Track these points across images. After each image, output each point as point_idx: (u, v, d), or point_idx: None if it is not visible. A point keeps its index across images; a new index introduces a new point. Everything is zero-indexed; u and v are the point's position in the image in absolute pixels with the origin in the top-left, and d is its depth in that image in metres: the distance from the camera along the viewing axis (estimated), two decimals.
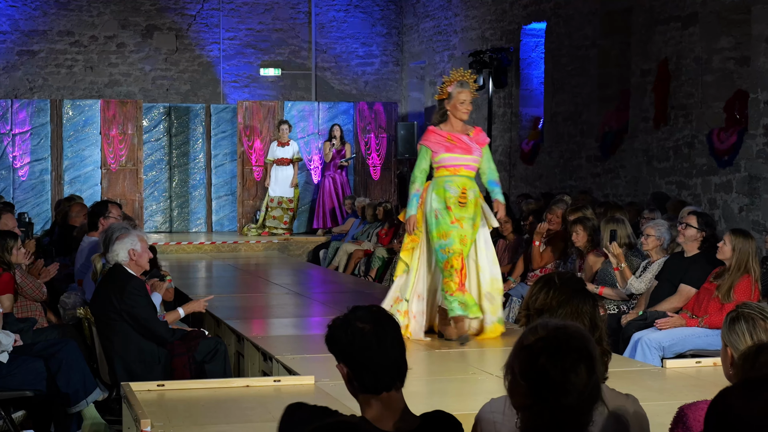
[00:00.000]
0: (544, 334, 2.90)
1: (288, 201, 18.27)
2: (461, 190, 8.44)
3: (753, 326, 3.90)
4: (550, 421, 2.80)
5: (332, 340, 3.58)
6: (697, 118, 13.03)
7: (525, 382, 2.86)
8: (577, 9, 15.81)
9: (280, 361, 7.28)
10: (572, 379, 2.78)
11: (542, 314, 4.00)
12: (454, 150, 8.52)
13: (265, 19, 22.02)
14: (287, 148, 18.27)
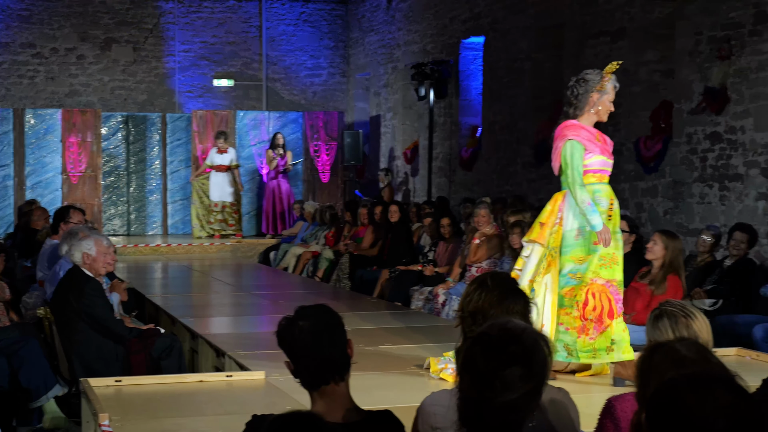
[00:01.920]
0: (492, 331, 2.89)
1: (230, 205, 18.22)
2: (610, 202, 6.84)
3: (675, 323, 3.93)
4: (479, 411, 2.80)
5: (278, 338, 3.61)
6: (625, 126, 13.13)
7: (462, 370, 2.86)
8: (513, 24, 15.89)
9: (233, 357, 7.25)
10: (504, 376, 2.77)
11: (476, 315, 4.01)
12: (604, 152, 6.91)
13: (218, 32, 21.95)
14: (225, 155, 18.20)
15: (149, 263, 15.42)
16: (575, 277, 6.66)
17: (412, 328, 8.82)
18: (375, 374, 6.62)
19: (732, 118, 11.29)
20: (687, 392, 2.33)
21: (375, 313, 9.81)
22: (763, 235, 10.64)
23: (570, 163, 6.72)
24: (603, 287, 6.69)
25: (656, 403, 2.38)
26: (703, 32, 11.71)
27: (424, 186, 18.43)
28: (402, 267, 12.40)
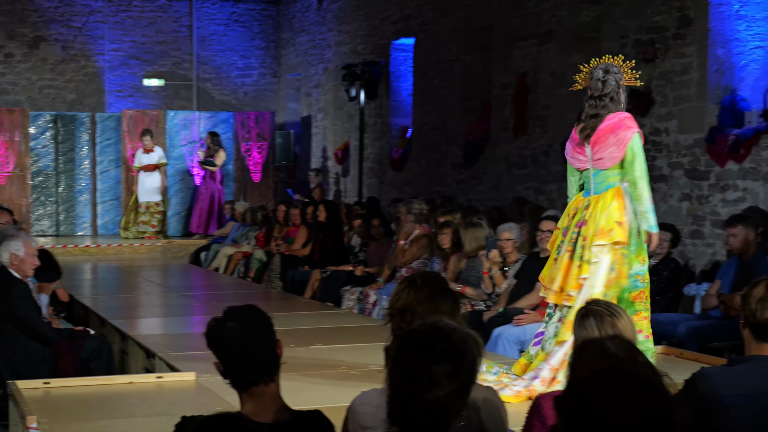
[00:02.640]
0: (422, 329, 2.91)
1: (155, 205, 18.08)
2: None
3: (600, 322, 3.98)
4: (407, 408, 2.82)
5: (207, 339, 3.60)
6: (553, 128, 13.26)
7: (391, 366, 2.88)
8: (443, 26, 15.97)
9: (163, 359, 7.21)
10: (431, 373, 2.79)
11: (404, 312, 4.03)
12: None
13: (148, 31, 21.77)
14: (152, 154, 18.06)
15: (78, 264, 15.24)
16: (641, 280, 6.40)
17: (343, 328, 8.84)
18: (305, 374, 6.62)
19: (657, 120, 11.45)
20: (597, 389, 2.34)
21: (306, 314, 9.81)
22: (686, 235, 10.81)
23: (641, 156, 6.40)
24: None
25: (567, 401, 2.39)
26: (628, 35, 11.86)
27: (354, 186, 18.45)
28: (333, 267, 12.40)
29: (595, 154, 6.45)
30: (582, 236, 6.42)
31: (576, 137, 6.58)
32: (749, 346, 4.00)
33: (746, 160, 10.28)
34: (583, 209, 6.51)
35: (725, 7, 10.71)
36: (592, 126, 6.47)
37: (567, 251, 6.47)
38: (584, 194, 6.58)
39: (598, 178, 6.49)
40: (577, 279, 6.37)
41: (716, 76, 10.77)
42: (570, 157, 6.64)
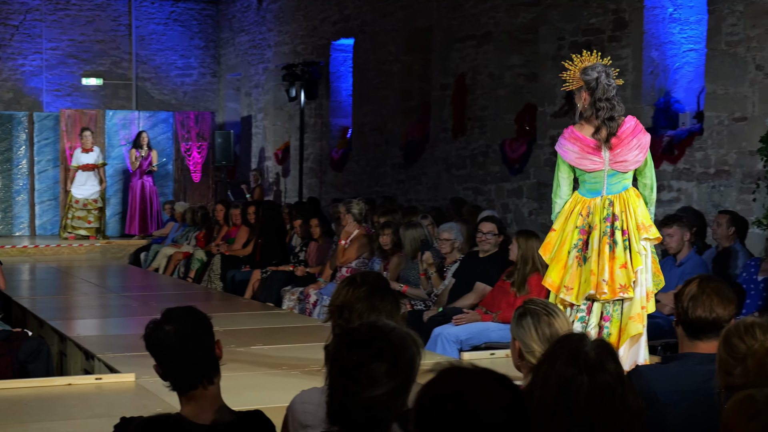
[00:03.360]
0: (360, 328, 2.94)
1: (93, 202, 17.91)
2: None
3: (537, 321, 4.02)
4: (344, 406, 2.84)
5: (145, 342, 3.58)
6: (491, 129, 13.36)
7: (329, 364, 2.90)
8: (382, 27, 16.01)
9: (102, 360, 7.15)
10: (369, 371, 2.81)
11: (342, 309, 4.05)
12: None
13: (86, 30, 21.56)
14: (91, 154, 17.89)
15: (16, 265, 15.05)
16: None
17: (284, 329, 8.83)
18: (246, 374, 6.61)
19: None
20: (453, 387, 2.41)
21: (246, 314, 9.78)
22: None
23: (652, 162, 6.63)
24: None
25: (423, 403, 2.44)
26: (565, 37, 11.99)
27: (295, 187, 18.43)
28: (273, 267, 12.38)
29: (617, 156, 6.43)
30: (621, 230, 6.43)
31: (587, 139, 6.47)
32: (682, 344, 4.07)
33: (680, 161, 10.43)
34: (604, 207, 6.48)
35: (659, 10, 10.86)
36: (612, 129, 6.44)
37: (606, 245, 6.43)
38: (588, 194, 6.54)
39: (614, 179, 6.49)
40: (633, 271, 6.38)
41: (651, 78, 10.92)
42: (578, 159, 6.49)
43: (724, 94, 9.88)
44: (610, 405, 2.85)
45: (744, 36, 9.64)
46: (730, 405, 2.64)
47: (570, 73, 6.68)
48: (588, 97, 6.53)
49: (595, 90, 6.52)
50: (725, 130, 9.90)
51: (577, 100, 6.61)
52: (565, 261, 6.51)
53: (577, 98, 6.62)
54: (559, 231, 6.56)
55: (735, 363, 3.31)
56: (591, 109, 6.52)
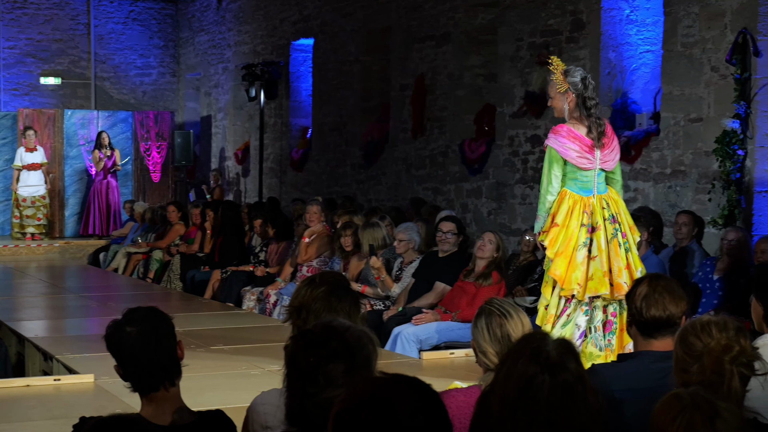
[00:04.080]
0: (316, 329, 2.94)
1: (41, 198, 17.77)
2: None
3: (490, 321, 4.05)
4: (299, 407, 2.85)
5: (106, 343, 3.57)
6: (451, 129, 13.39)
7: (286, 366, 2.91)
8: (342, 27, 16.01)
9: (60, 361, 7.10)
10: (326, 371, 2.82)
11: (300, 310, 4.05)
12: None
13: (45, 29, 21.40)
14: (35, 153, 17.75)
15: None
16: None
17: (244, 329, 8.81)
18: (206, 375, 6.60)
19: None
20: (364, 398, 2.42)
21: (207, 314, 9.75)
22: None
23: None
24: None
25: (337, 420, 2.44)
26: (523, 38, 12.04)
27: (255, 186, 18.38)
28: (233, 268, 12.35)
29: (605, 156, 6.72)
30: (622, 231, 6.69)
31: (585, 138, 6.67)
32: (637, 343, 4.12)
33: (637, 162, 10.51)
34: (603, 208, 6.71)
35: (616, 11, 10.94)
36: (601, 128, 6.71)
37: (615, 245, 6.65)
38: (580, 192, 6.71)
39: (601, 178, 6.76)
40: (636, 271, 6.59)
41: (608, 79, 10.99)
42: (579, 157, 6.64)
43: (680, 95, 9.97)
44: (571, 404, 2.87)
45: (699, 38, 9.73)
46: (658, 405, 2.68)
47: (557, 76, 6.77)
48: (575, 98, 6.68)
49: (584, 90, 6.70)
50: (681, 131, 9.99)
51: (561, 102, 6.74)
52: (571, 257, 6.63)
53: (559, 101, 6.76)
54: (563, 227, 6.67)
55: (691, 361, 3.34)
56: (579, 110, 6.71)
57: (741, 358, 3.28)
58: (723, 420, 2.56)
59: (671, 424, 2.58)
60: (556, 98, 6.76)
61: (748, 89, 9.20)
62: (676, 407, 2.61)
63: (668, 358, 3.74)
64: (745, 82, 9.18)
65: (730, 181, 9.25)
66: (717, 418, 2.55)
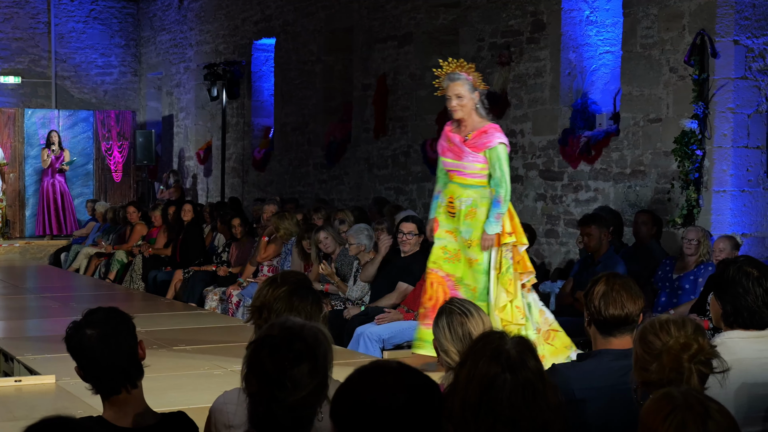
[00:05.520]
0: (275, 332, 2.94)
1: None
2: (448, 199, 7.08)
3: (451, 320, 4.06)
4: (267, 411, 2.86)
5: (66, 345, 3.54)
6: (413, 129, 13.41)
7: (250, 373, 2.91)
8: (304, 27, 15.99)
9: (21, 362, 7.05)
10: (292, 375, 2.83)
11: (261, 309, 4.05)
12: (446, 153, 7.07)
13: (4, 27, 21.21)
14: None
15: None
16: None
17: (206, 329, 8.79)
18: (168, 375, 6.57)
19: (512, 122, 11.69)
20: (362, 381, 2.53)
21: (169, 314, 9.71)
22: (541, 234, 11.07)
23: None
24: (442, 279, 7.01)
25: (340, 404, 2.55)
26: (484, 39, 12.08)
27: (217, 186, 18.33)
28: (195, 267, 12.32)
29: None
30: None
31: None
32: (596, 342, 4.14)
33: (597, 162, 10.58)
34: None
35: (576, 12, 11.00)
36: None
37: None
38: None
39: None
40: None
41: (568, 79, 11.05)
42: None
43: (640, 96, 10.04)
44: (532, 401, 2.88)
45: (658, 39, 9.81)
46: (649, 403, 2.69)
47: (476, 75, 6.99)
48: (478, 97, 6.96)
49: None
50: (640, 131, 10.07)
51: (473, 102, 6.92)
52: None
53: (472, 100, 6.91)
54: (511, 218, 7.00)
55: (651, 359, 3.37)
56: (483, 110, 6.98)
57: (699, 356, 3.32)
58: (714, 421, 2.57)
59: (662, 424, 2.59)
60: (468, 97, 6.87)
61: (706, 90, 9.28)
62: (667, 407, 2.62)
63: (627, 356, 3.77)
64: (703, 82, 9.27)
65: (689, 180, 9.33)
66: (708, 419, 2.56)
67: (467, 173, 6.90)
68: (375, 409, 2.45)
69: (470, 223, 6.89)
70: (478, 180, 6.89)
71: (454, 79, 6.88)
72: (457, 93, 6.86)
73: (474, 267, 6.91)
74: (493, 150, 6.80)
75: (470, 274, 6.94)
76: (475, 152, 6.83)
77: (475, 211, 6.87)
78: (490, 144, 6.81)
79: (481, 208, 6.86)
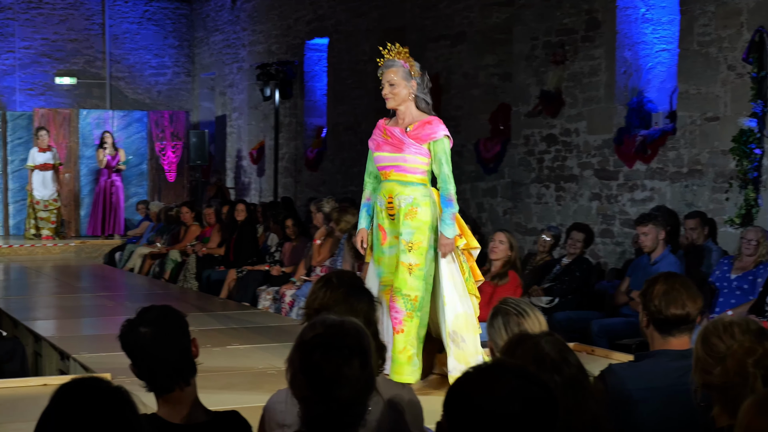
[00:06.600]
0: (321, 331, 2.93)
1: (53, 202, 17.77)
2: (387, 199, 6.30)
3: (507, 321, 4.01)
4: (326, 411, 2.84)
5: (121, 343, 3.56)
6: (466, 128, 13.36)
7: (302, 375, 2.89)
8: (356, 26, 16.00)
9: (77, 360, 7.12)
10: (345, 372, 2.81)
11: (321, 312, 4.03)
12: (382, 147, 6.41)
13: (60, 29, 21.45)
14: (48, 153, 17.75)
15: None
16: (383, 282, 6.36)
17: (259, 328, 8.82)
18: (221, 374, 6.60)
19: (567, 121, 11.61)
20: (479, 383, 2.37)
21: (222, 314, 9.75)
22: (596, 234, 10.98)
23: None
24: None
25: (451, 397, 2.41)
26: (538, 37, 12.01)
27: (270, 186, 18.39)
28: (249, 267, 12.35)
29: None
30: None
31: None
32: (653, 342, 4.08)
33: (653, 161, 10.47)
34: None
35: (632, 10, 10.90)
36: None
37: None
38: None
39: None
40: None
41: (624, 78, 10.95)
42: None
43: (697, 94, 9.92)
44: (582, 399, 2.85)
45: (716, 36, 9.69)
46: (749, 405, 2.61)
47: (412, 64, 6.43)
48: (416, 87, 6.41)
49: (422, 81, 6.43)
50: (698, 130, 9.95)
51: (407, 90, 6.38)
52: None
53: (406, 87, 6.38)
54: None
55: (713, 362, 3.30)
56: (423, 101, 6.44)
57: (764, 360, 3.25)
58: None
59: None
60: (402, 85, 6.35)
61: (765, 88, 9.15)
62: None
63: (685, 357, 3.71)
64: (762, 80, 9.14)
65: (747, 179, 9.21)
66: None
67: (408, 168, 6.20)
68: (485, 413, 2.32)
69: (411, 224, 6.13)
70: (419, 177, 6.20)
71: (389, 66, 6.33)
72: (389, 80, 6.32)
73: (414, 273, 6.09)
74: (439, 142, 6.16)
75: (407, 281, 6.09)
76: (419, 143, 6.18)
77: (416, 210, 6.13)
78: (435, 135, 6.18)
79: (423, 208, 6.14)
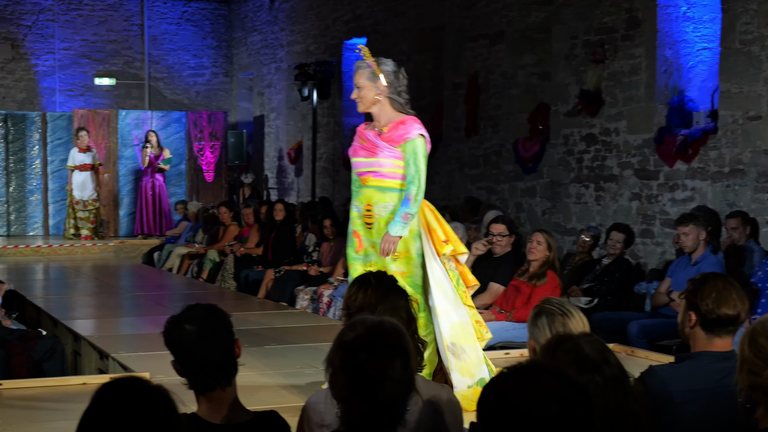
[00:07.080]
0: (362, 331, 2.92)
1: (92, 202, 17.87)
2: (365, 207, 6.04)
3: (552, 321, 3.99)
4: (367, 412, 2.83)
5: (165, 338, 3.57)
6: (504, 128, 13.33)
7: (345, 376, 2.88)
8: (394, 26, 15.99)
9: (116, 359, 7.16)
10: (388, 373, 2.81)
11: (362, 312, 4.03)
12: (358, 153, 6.11)
13: (99, 30, 21.61)
14: (88, 153, 17.86)
15: (30, 264, 15.11)
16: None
17: (297, 328, 8.83)
18: (260, 374, 6.61)
19: (606, 121, 11.55)
20: (515, 384, 2.32)
21: (260, 314, 9.78)
22: (636, 234, 10.91)
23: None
24: None
25: (486, 397, 2.37)
26: (578, 36, 11.95)
27: (308, 186, 18.43)
28: (287, 267, 12.38)
29: None
30: None
31: None
32: (696, 343, 4.03)
33: (694, 160, 10.40)
34: None
35: (673, 8, 10.82)
36: None
37: None
38: None
39: None
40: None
41: (664, 77, 10.88)
42: None
43: (738, 93, 9.84)
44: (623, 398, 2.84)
45: (758, 34, 9.60)
46: None
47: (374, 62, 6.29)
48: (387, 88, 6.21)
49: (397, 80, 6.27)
50: (739, 129, 9.86)
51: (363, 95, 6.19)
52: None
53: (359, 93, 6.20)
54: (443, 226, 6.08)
55: (761, 363, 3.26)
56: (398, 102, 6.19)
57: None
58: None
59: None
60: (368, 87, 6.16)
61: None
62: None
63: (728, 359, 3.68)
64: None
65: None
66: None
67: (384, 172, 5.92)
68: (520, 415, 2.27)
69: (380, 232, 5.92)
70: (398, 182, 5.90)
71: (356, 68, 6.23)
72: (356, 83, 6.18)
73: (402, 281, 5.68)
74: (410, 142, 5.87)
75: None
76: (392, 146, 5.91)
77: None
78: (408, 135, 5.91)
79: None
